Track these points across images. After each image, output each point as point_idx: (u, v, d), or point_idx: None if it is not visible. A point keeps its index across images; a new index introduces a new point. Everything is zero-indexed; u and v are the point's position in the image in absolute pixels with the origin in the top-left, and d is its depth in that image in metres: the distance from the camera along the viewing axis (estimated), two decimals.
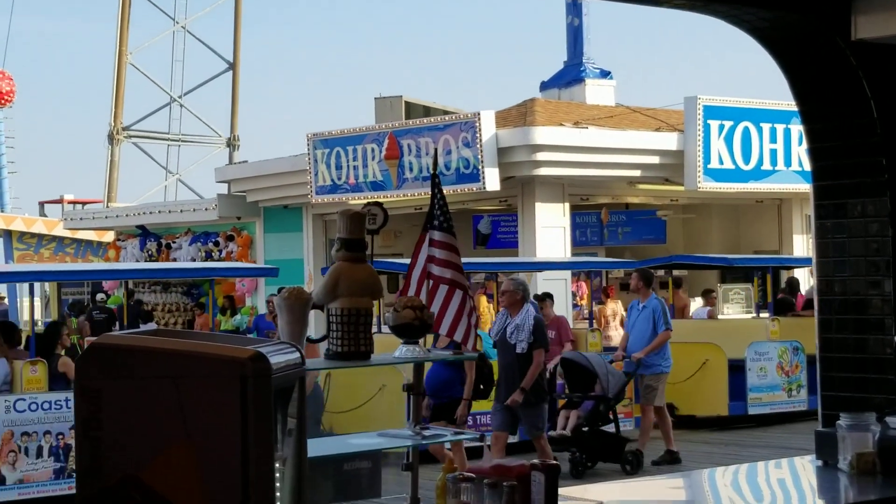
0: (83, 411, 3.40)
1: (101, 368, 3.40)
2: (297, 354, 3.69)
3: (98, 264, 26.21)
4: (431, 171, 5.46)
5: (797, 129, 22.58)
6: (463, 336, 5.39)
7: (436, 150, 6.56)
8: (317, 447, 4.24)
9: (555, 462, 4.19)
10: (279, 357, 3.50)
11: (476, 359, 4.68)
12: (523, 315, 11.24)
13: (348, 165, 23.14)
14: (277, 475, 3.49)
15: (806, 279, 24.39)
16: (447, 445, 9.97)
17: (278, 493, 3.49)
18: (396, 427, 4.82)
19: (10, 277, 19.59)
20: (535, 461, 4.23)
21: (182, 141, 46.39)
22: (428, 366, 8.28)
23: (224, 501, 3.29)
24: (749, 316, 20.54)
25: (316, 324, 8.22)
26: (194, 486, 3.32)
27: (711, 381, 16.86)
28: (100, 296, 26.90)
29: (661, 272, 24.74)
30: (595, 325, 19.31)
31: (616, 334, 21.04)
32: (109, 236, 32.47)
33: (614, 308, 21.92)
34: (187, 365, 3.35)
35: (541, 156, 21.34)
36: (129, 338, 3.48)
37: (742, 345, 17.32)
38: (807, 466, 5.81)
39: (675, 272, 22.76)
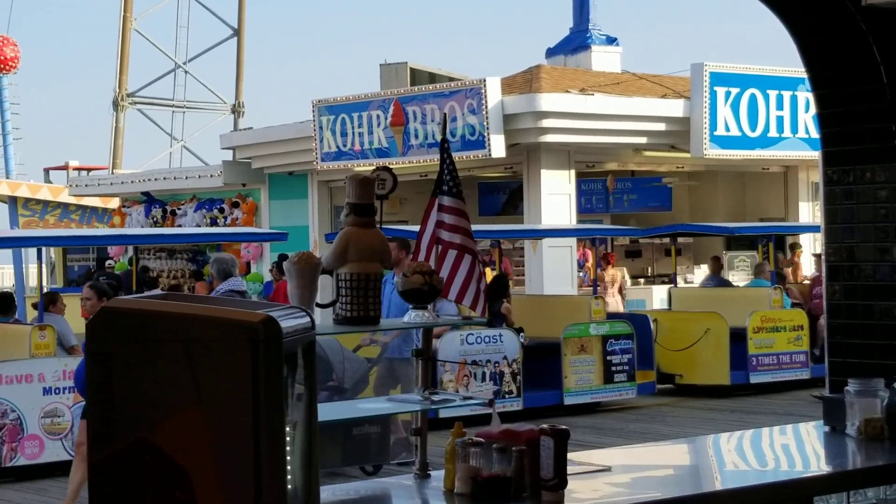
0: (95, 375, 3.40)
1: (112, 332, 3.40)
2: (308, 319, 3.69)
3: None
4: (441, 136, 5.45)
5: (804, 96, 22.54)
6: (472, 301, 5.39)
7: (445, 115, 6.52)
8: (326, 412, 4.25)
9: (564, 427, 4.20)
10: (290, 321, 3.51)
11: (485, 324, 4.68)
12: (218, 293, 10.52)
13: (353, 132, 23.11)
14: (288, 440, 3.50)
15: (810, 247, 24.41)
16: None
17: (289, 458, 3.50)
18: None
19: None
20: (545, 426, 4.24)
21: (187, 107, 46.31)
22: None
23: (235, 464, 3.30)
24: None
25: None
26: (205, 449, 3.32)
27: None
28: (108, 262, 26.95)
29: (666, 240, 24.80)
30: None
31: (613, 301, 21.11)
32: (114, 203, 32.47)
33: (614, 274, 21.95)
34: (198, 329, 3.35)
35: (546, 123, 21.30)
36: (141, 302, 3.48)
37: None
38: (812, 432, 5.83)
39: (680, 240, 22.79)
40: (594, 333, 15.62)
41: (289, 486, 3.45)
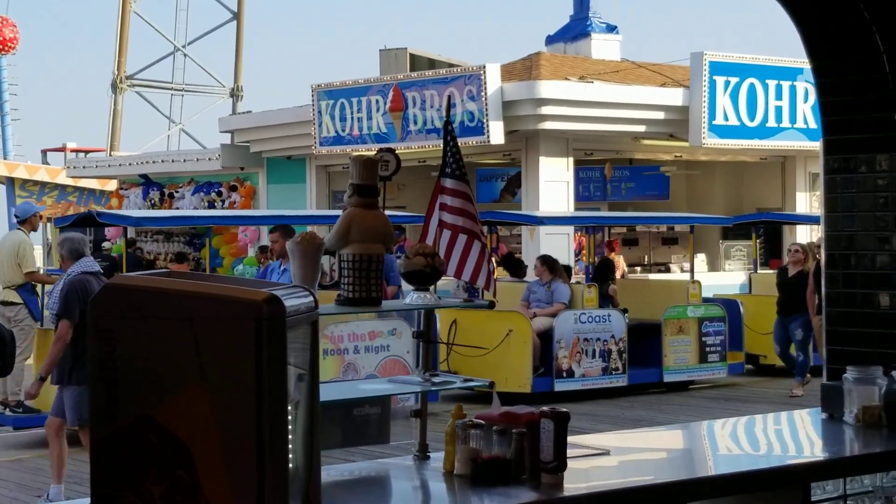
0: (99, 352, 3.41)
1: (116, 309, 3.41)
2: (311, 298, 3.70)
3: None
4: (445, 118, 5.46)
5: (803, 86, 22.55)
6: (471, 275, 5.39)
7: (448, 97, 6.54)
8: (326, 392, 4.26)
9: (565, 410, 4.22)
10: (293, 300, 3.52)
11: (488, 307, 4.68)
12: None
13: (352, 117, 23.12)
14: (290, 419, 3.51)
15: (807, 236, 24.43)
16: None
17: (291, 437, 3.51)
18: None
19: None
20: (545, 408, 4.26)
21: (185, 91, 46.31)
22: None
23: (238, 443, 3.32)
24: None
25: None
26: (209, 427, 3.34)
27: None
28: (106, 244, 26.93)
29: (663, 228, 24.82)
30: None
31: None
32: (112, 185, 32.46)
33: (617, 262, 21.96)
34: (202, 306, 3.36)
35: (545, 110, 21.31)
36: (146, 279, 3.49)
37: None
38: (809, 419, 5.85)
39: (677, 228, 22.81)
40: (691, 315, 16.42)
41: (290, 465, 3.46)
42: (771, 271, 20.58)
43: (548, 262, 16.09)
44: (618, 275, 21.65)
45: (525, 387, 14.80)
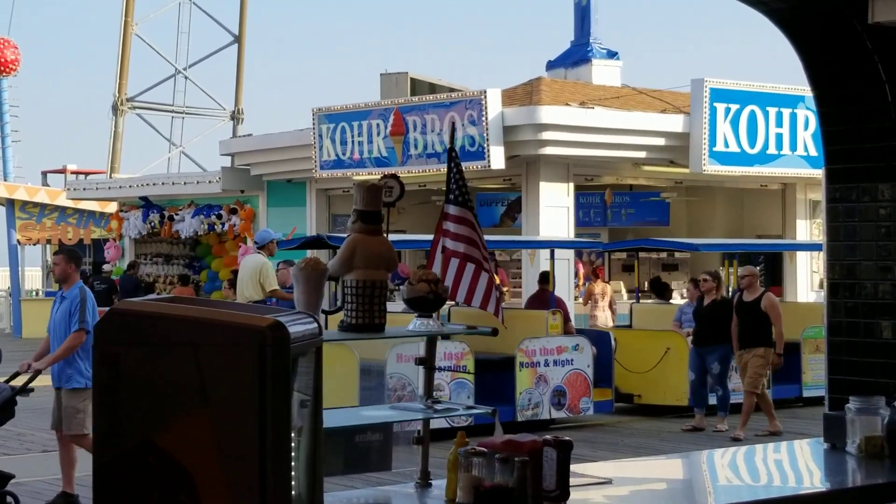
0: (102, 376, 3.41)
1: (120, 334, 3.41)
2: (315, 325, 3.69)
3: None
4: (449, 145, 5.46)
5: (803, 113, 22.58)
6: (481, 301, 5.38)
7: (453, 123, 6.53)
8: (328, 419, 4.25)
9: (568, 439, 4.21)
10: (297, 327, 3.51)
11: (491, 334, 4.64)
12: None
13: (353, 141, 23.13)
14: (293, 445, 3.50)
15: (807, 263, 24.43)
16: None
17: (294, 463, 3.50)
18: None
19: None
20: (548, 437, 4.24)
21: (186, 113, 46.32)
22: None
23: (241, 469, 3.31)
24: None
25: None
26: (211, 453, 3.33)
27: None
28: (106, 266, 26.91)
29: (663, 254, 24.82)
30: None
31: (602, 315, 21.18)
32: (112, 207, 32.44)
33: (604, 288, 21.99)
34: (206, 332, 3.36)
35: (546, 135, 21.33)
36: (150, 304, 3.49)
37: None
38: (807, 449, 5.84)
39: (677, 255, 22.79)
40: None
41: (293, 492, 3.45)
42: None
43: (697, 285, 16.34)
44: (606, 301, 21.71)
45: (682, 400, 15.96)
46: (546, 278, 17.16)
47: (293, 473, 3.45)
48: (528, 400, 14.97)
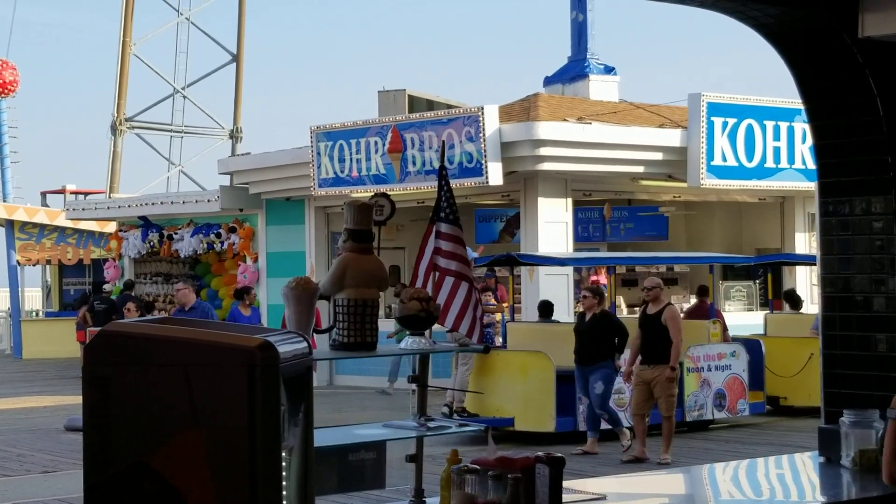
0: (93, 398, 3.41)
1: (110, 355, 3.41)
2: (305, 344, 3.70)
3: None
4: (440, 163, 5.46)
5: (801, 126, 22.59)
6: (468, 329, 5.39)
7: (443, 141, 6.55)
8: (320, 438, 4.26)
9: (560, 455, 4.21)
10: (287, 346, 3.52)
11: (482, 351, 4.64)
12: None
13: (351, 158, 23.14)
14: (284, 464, 3.50)
15: (806, 277, 24.41)
16: None
17: (285, 482, 3.50)
18: None
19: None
20: (540, 453, 4.25)
21: (185, 132, 46.33)
22: None
23: (231, 489, 3.31)
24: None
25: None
26: (202, 473, 3.33)
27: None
28: (106, 286, 26.89)
29: (663, 269, 24.81)
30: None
31: None
32: (111, 227, 32.46)
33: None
34: (196, 353, 3.36)
35: (544, 151, 21.34)
36: (139, 326, 3.49)
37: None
38: (808, 463, 5.83)
39: (676, 269, 22.79)
40: None
41: None
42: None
43: None
44: None
45: (816, 401, 15.95)
46: (705, 291, 18.52)
47: (284, 493, 3.45)
48: (695, 402, 16.30)
